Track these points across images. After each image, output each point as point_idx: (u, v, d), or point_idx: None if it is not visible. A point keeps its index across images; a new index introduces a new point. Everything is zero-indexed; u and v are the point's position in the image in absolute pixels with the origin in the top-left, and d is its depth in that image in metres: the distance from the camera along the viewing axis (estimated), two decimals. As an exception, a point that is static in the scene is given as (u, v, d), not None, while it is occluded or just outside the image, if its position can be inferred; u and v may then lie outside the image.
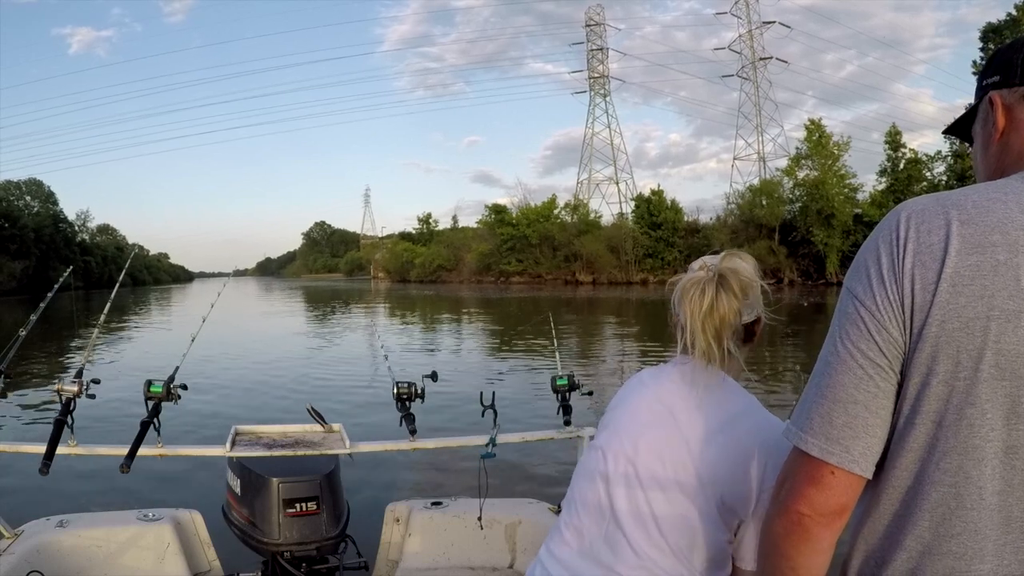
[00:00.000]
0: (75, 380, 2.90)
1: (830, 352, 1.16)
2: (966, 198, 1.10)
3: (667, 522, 1.61)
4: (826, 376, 1.15)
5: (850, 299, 1.15)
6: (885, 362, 1.10)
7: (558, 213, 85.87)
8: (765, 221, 64.31)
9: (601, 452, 1.74)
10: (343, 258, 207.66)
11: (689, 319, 1.64)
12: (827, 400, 1.14)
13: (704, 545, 1.60)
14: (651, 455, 1.65)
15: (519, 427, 3.44)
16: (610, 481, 1.69)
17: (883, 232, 1.14)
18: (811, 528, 1.14)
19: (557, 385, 3.43)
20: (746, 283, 1.66)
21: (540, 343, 18.19)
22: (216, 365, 14.72)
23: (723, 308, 1.62)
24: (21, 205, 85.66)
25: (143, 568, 3.21)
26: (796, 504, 1.15)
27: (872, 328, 1.11)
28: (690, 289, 1.65)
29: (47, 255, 77.05)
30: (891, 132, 62.91)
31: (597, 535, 1.68)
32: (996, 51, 1.29)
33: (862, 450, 1.11)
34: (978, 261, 1.04)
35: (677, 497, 1.61)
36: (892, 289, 1.09)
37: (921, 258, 1.08)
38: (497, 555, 3.50)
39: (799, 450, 1.16)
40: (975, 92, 1.32)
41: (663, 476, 1.63)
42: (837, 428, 1.12)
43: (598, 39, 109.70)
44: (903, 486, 1.12)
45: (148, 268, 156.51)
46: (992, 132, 1.25)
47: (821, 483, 1.13)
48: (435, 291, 69.11)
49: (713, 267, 1.68)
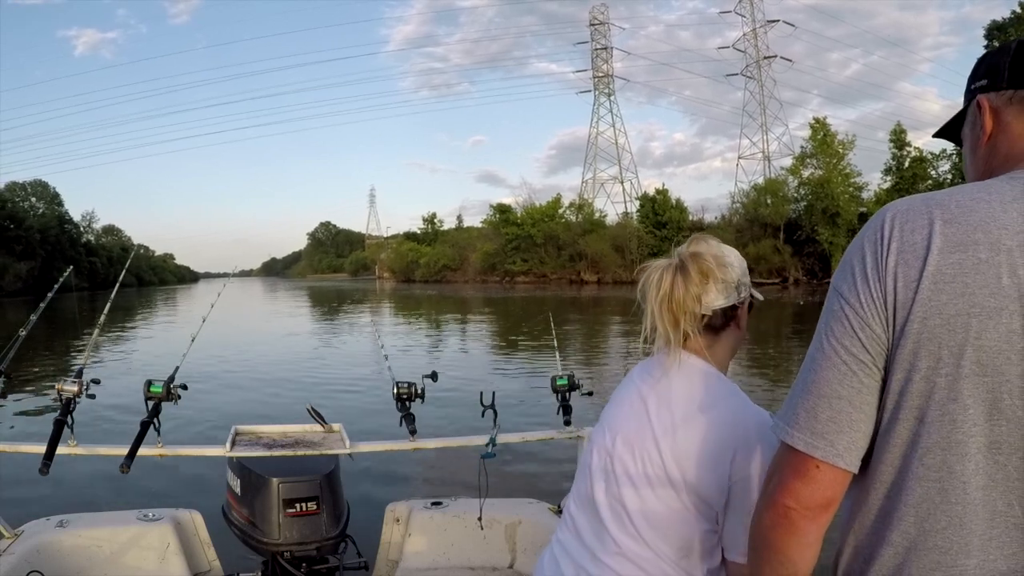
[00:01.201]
0: (75, 380, 2.90)
1: (816, 348, 1.18)
2: (950, 198, 1.12)
3: (639, 515, 1.63)
4: (811, 372, 1.17)
5: (836, 297, 1.17)
6: (868, 358, 1.12)
7: (563, 212, 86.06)
8: (770, 220, 64.23)
9: (590, 445, 1.80)
10: (348, 258, 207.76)
11: (649, 305, 1.66)
12: (812, 395, 1.16)
13: (680, 536, 1.60)
14: (624, 448, 1.68)
15: (519, 427, 3.44)
16: (593, 474, 1.74)
17: (868, 232, 1.16)
18: (797, 521, 1.16)
19: (557, 385, 3.43)
20: (707, 268, 1.65)
21: (541, 343, 18.21)
22: (216, 365, 14.77)
23: (679, 294, 1.63)
24: (26, 206, 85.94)
25: (143, 568, 3.22)
26: (783, 497, 1.17)
27: (856, 325, 1.13)
28: (652, 275, 1.67)
29: (52, 256, 77.21)
30: (896, 131, 62.71)
31: (586, 524, 1.72)
32: (984, 56, 1.30)
33: (846, 444, 1.13)
34: (960, 259, 1.06)
35: (646, 490, 1.62)
36: (876, 287, 1.11)
37: (904, 256, 1.10)
38: (497, 555, 3.50)
39: (786, 444, 1.18)
40: (964, 96, 1.34)
41: (633, 470, 1.65)
42: (822, 423, 1.14)
43: (602, 38, 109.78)
44: (888, 481, 1.14)
45: (153, 269, 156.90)
46: (980, 135, 1.27)
47: (807, 477, 1.15)
48: (440, 291, 69.14)
49: (679, 253, 1.70)
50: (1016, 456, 1.06)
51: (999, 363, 1.04)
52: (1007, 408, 1.05)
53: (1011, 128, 1.23)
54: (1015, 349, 1.04)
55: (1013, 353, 1.04)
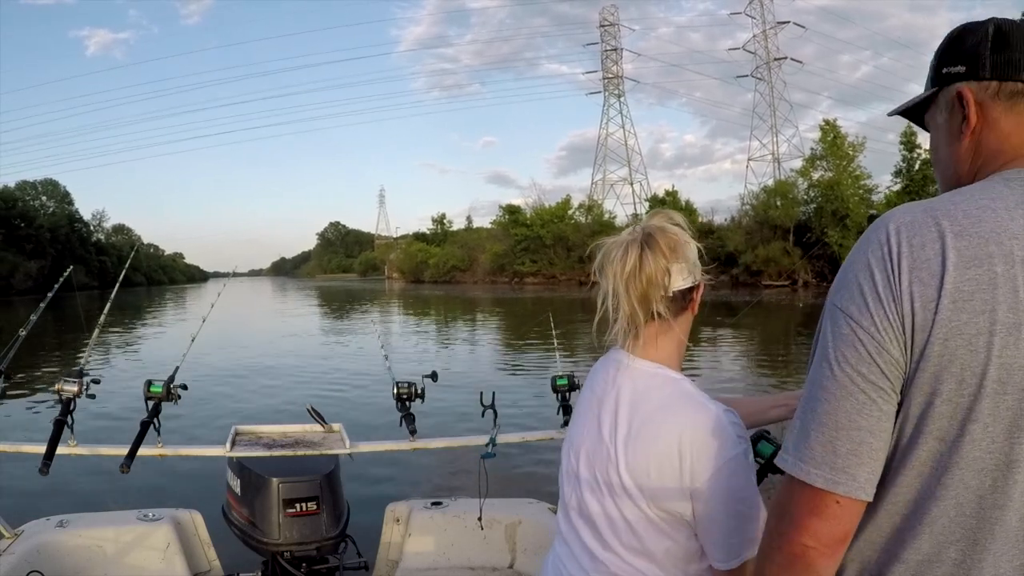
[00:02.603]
0: (75, 380, 2.91)
1: (826, 376, 1.09)
2: (955, 207, 1.07)
3: (604, 521, 1.56)
4: (825, 402, 1.08)
5: (843, 319, 1.09)
6: (887, 384, 1.06)
7: (572, 214, 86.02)
8: (780, 222, 63.82)
9: (562, 460, 1.75)
10: (357, 258, 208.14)
11: (612, 282, 1.53)
12: (828, 428, 1.08)
13: (651, 544, 1.51)
14: (583, 454, 1.62)
15: (519, 427, 3.44)
16: (564, 478, 1.71)
17: (872, 246, 1.09)
18: (816, 560, 1.09)
19: (557, 385, 3.42)
20: (675, 242, 1.53)
21: (543, 343, 18.19)
22: (217, 365, 14.81)
23: (649, 267, 1.49)
24: (37, 205, 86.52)
25: (143, 568, 3.23)
26: (799, 537, 1.09)
27: (872, 350, 1.05)
28: (612, 250, 1.54)
29: (63, 255, 77.46)
30: (906, 133, 62.10)
31: (567, 526, 1.68)
32: (955, 37, 1.24)
33: (867, 476, 1.07)
34: (977, 275, 1.01)
35: (607, 499, 1.55)
36: (891, 308, 1.04)
37: (919, 275, 1.03)
38: (497, 555, 3.50)
39: (799, 481, 1.09)
40: (930, 75, 1.28)
41: (589, 477, 1.59)
42: (842, 456, 1.07)
43: (612, 40, 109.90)
44: (903, 502, 1.09)
45: (163, 268, 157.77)
46: (962, 128, 1.21)
47: (825, 513, 1.08)
48: (448, 292, 69.16)
49: (643, 227, 1.56)
50: None
51: (1020, 380, 1.00)
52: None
53: (999, 124, 1.18)
54: None
55: None
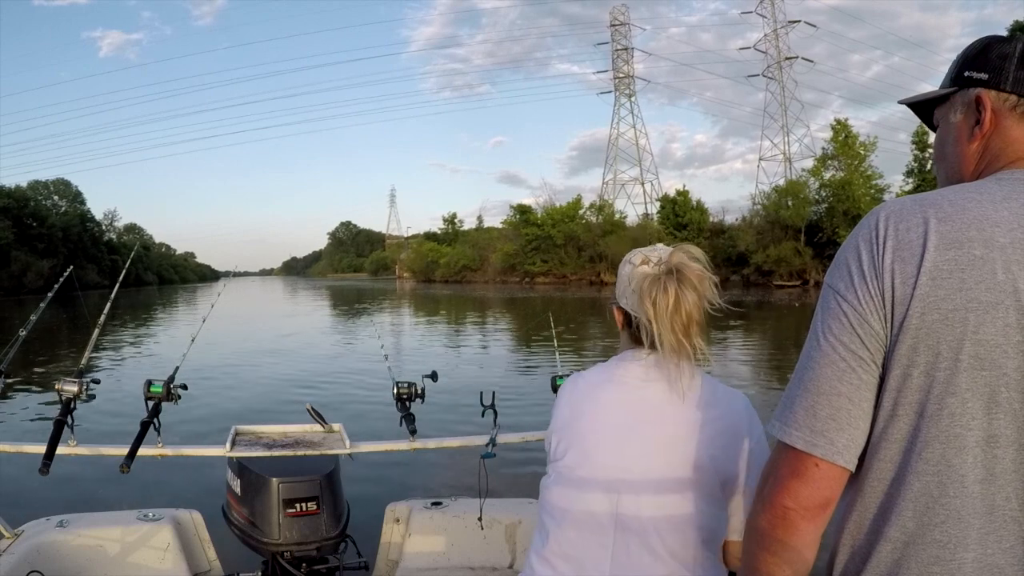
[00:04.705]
0: (75, 380, 2.92)
1: (812, 347, 1.17)
2: (943, 198, 1.13)
3: (665, 523, 1.61)
4: (809, 370, 1.16)
5: (831, 294, 1.17)
6: (867, 355, 1.12)
7: (583, 213, 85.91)
8: (791, 222, 63.59)
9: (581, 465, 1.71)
10: (368, 258, 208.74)
11: (655, 318, 1.65)
12: (810, 393, 1.15)
13: (698, 535, 1.63)
14: (644, 458, 1.64)
15: (519, 427, 3.41)
16: (608, 491, 1.66)
17: (863, 231, 1.16)
18: (796, 521, 1.15)
19: (557, 385, 3.41)
20: (701, 275, 1.68)
21: (544, 343, 18.18)
22: (217, 365, 14.84)
23: (687, 304, 1.65)
24: (49, 204, 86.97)
25: (143, 568, 3.23)
26: (780, 497, 1.16)
27: (854, 322, 1.13)
28: (650, 288, 1.66)
29: (74, 254, 77.95)
30: (918, 132, 61.85)
31: (595, 544, 1.65)
32: (984, 45, 1.28)
33: (846, 442, 1.13)
34: (956, 256, 1.07)
35: (673, 497, 1.62)
36: (873, 284, 1.12)
37: (900, 253, 1.10)
38: (497, 555, 3.49)
39: (783, 444, 1.17)
40: (950, 74, 1.32)
41: (660, 477, 1.63)
42: (821, 420, 1.13)
43: (623, 39, 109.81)
44: (887, 478, 1.14)
45: (175, 267, 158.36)
46: (975, 130, 1.26)
47: (805, 476, 1.14)
48: (458, 291, 69.17)
49: (662, 262, 1.70)
50: (1013, 449, 1.07)
51: (996, 357, 1.05)
52: (1004, 401, 1.06)
53: (1009, 132, 1.23)
54: (1011, 343, 1.05)
55: (1010, 347, 1.05)
